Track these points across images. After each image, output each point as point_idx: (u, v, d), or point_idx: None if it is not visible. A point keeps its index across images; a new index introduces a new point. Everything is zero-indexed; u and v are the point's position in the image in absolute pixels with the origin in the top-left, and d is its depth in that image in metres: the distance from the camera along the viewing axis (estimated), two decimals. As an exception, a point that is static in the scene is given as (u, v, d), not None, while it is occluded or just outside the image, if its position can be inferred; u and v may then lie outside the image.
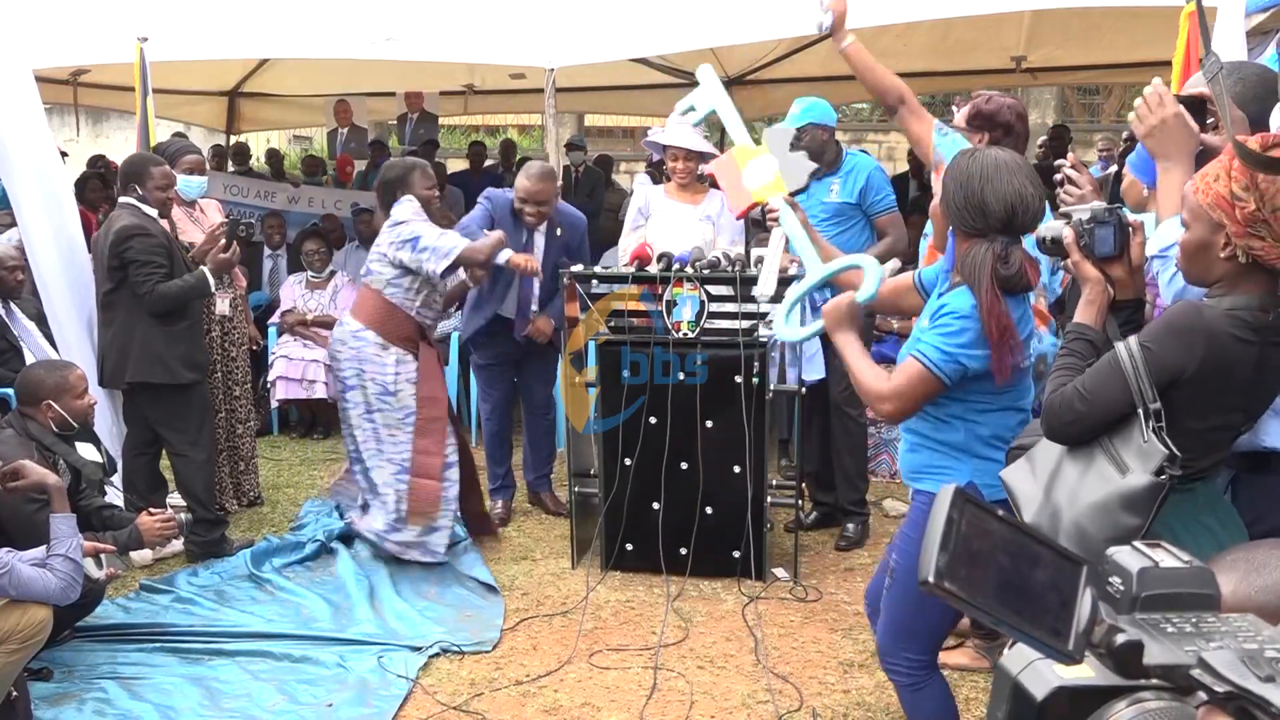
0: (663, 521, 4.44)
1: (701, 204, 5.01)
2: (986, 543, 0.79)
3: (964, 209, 2.43)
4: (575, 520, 4.77)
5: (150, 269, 4.51)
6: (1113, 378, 2.08)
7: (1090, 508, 2.09)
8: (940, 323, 2.45)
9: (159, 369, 4.60)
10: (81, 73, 8.48)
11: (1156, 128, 2.29)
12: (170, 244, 4.64)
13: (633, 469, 4.46)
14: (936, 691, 2.66)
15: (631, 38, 6.46)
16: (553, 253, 5.09)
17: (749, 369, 4.26)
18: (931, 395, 2.48)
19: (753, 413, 4.27)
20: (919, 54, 8.21)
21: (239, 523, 5.33)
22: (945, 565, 0.78)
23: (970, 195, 2.41)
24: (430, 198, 4.66)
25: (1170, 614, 0.86)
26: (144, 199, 4.64)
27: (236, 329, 5.47)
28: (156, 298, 4.52)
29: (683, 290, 4.37)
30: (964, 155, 2.50)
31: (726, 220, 5.00)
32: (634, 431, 4.40)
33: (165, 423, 4.71)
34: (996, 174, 2.40)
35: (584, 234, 5.27)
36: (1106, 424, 2.11)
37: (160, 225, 4.66)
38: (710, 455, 4.36)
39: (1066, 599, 0.83)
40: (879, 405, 2.52)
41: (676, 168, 5.00)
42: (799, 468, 5.05)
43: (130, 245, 4.51)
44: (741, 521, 4.34)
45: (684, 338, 4.37)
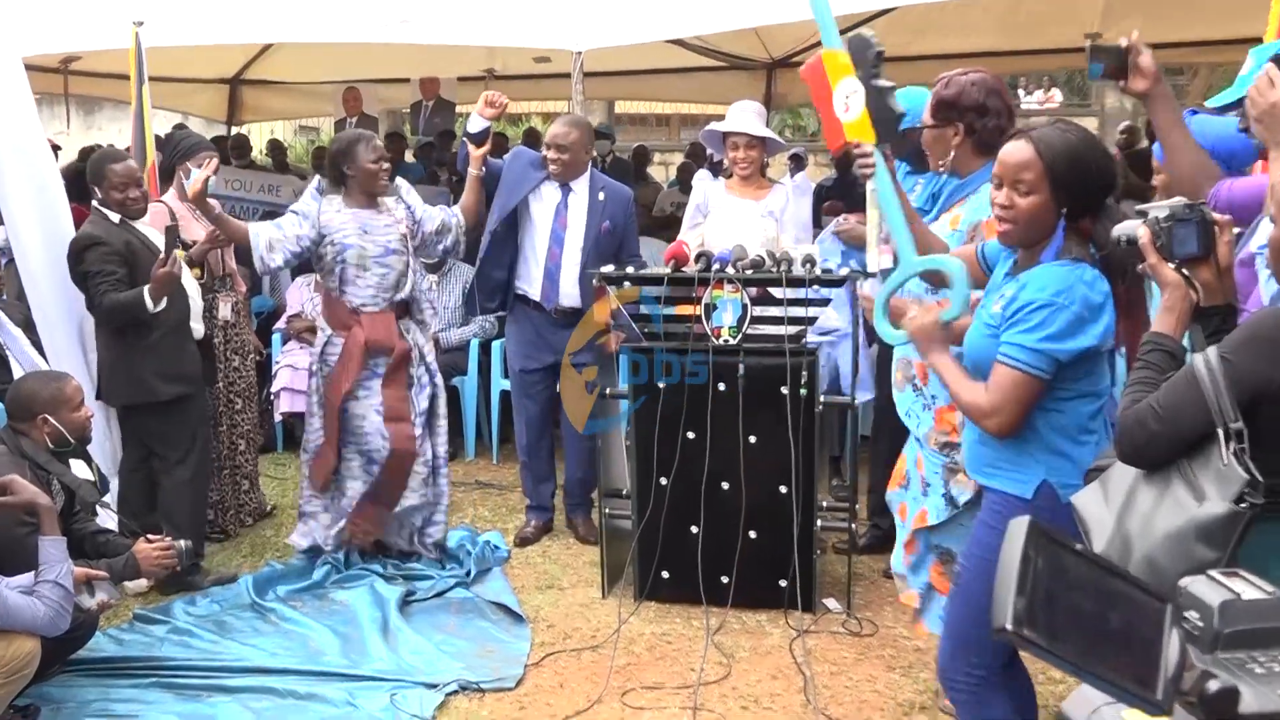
0: (702, 547, 4.43)
1: (765, 199, 5.03)
2: (1065, 582, 0.78)
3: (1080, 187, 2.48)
4: (606, 545, 4.77)
5: (100, 279, 4.55)
6: (1190, 394, 2.05)
7: (1164, 538, 2.06)
8: (1020, 317, 2.47)
9: (138, 388, 4.68)
10: (73, 60, 8.61)
11: (1266, 112, 2.25)
12: (134, 251, 4.65)
13: (669, 489, 4.45)
14: (1002, 700, 2.65)
15: (666, 17, 6.47)
16: (596, 218, 5.15)
17: (796, 379, 4.25)
18: (1035, 398, 2.50)
19: (800, 427, 4.25)
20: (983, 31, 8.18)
21: (240, 547, 5.37)
22: (1023, 610, 0.77)
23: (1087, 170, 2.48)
24: (375, 171, 4.82)
25: (1256, 651, 0.84)
26: (104, 202, 4.70)
27: (239, 335, 5.52)
28: (105, 308, 4.57)
29: (723, 293, 4.36)
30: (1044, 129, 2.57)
31: (792, 215, 5.02)
32: (670, 448, 4.40)
33: (155, 440, 4.78)
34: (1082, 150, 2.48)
35: (629, 207, 5.34)
36: (1184, 445, 2.08)
37: (125, 231, 4.67)
38: (754, 474, 4.35)
39: (1150, 642, 0.82)
40: (984, 422, 2.55)
41: (737, 157, 5.02)
42: (852, 484, 5.03)
43: (83, 258, 4.59)
44: (788, 547, 4.32)
45: (725, 344, 4.36)
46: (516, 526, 5.54)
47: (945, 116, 3.40)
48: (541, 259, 5.19)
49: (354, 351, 4.79)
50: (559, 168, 5.13)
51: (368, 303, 4.83)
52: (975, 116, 3.37)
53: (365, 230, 4.82)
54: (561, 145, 5.11)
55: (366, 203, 4.87)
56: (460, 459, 6.88)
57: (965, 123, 3.37)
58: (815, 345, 4.44)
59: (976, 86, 3.37)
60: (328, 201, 4.86)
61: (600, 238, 5.14)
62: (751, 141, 4.97)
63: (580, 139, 5.16)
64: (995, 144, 3.32)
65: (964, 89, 3.37)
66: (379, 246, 4.82)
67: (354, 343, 4.80)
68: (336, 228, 4.80)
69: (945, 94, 3.40)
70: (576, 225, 5.16)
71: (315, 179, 5.10)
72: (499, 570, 5.01)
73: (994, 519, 2.61)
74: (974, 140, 3.38)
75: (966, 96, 3.37)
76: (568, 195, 5.20)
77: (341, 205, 4.85)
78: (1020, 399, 2.49)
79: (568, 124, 5.23)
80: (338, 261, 4.80)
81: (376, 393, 4.84)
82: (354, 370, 4.79)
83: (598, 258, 5.05)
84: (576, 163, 5.16)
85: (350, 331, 4.81)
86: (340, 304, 4.85)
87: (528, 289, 5.25)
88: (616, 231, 5.20)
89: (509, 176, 5.22)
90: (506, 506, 5.95)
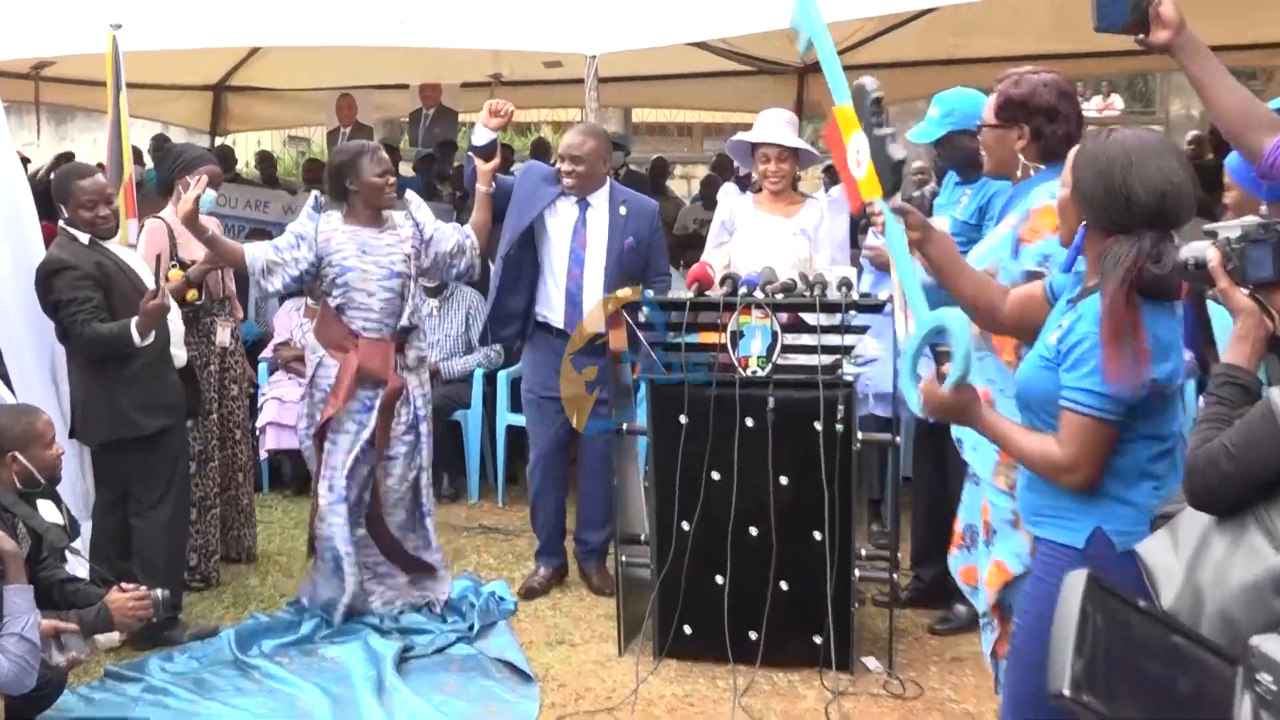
0: (728, 599, 4.41)
1: (797, 215, 5.03)
2: (1127, 642, 0.78)
3: (1104, 201, 2.45)
4: (623, 597, 4.76)
5: (75, 307, 4.56)
6: (1266, 430, 2.05)
7: (1240, 590, 2.04)
8: (1079, 355, 2.46)
9: (119, 423, 4.69)
10: (44, 66, 8.72)
11: None
12: (107, 274, 4.67)
13: (691, 535, 4.44)
14: None
15: (688, 18, 6.50)
16: (618, 234, 5.18)
17: (831, 413, 4.24)
18: (1110, 442, 2.48)
19: (836, 466, 4.25)
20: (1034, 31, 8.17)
21: (221, 597, 5.38)
22: (1082, 673, 0.77)
23: (1111, 184, 2.44)
24: (381, 186, 4.86)
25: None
26: (71, 222, 4.72)
27: (237, 363, 5.60)
28: (85, 340, 4.58)
29: (751, 319, 4.37)
30: (1096, 140, 2.54)
31: (826, 234, 5.02)
32: (692, 490, 4.40)
33: (133, 478, 4.80)
34: (1141, 158, 2.44)
35: (655, 221, 5.35)
36: (1260, 488, 2.07)
37: (95, 252, 4.69)
38: (785, 518, 4.34)
39: (1220, 707, 0.82)
40: (1064, 478, 2.52)
41: (767, 170, 5.02)
42: (894, 531, 5.01)
43: (50, 285, 4.60)
44: (823, 599, 4.31)
45: (753, 376, 4.36)
46: (524, 575, 5.53)
47: (1011, 117, 3.41)
48: (562, 282, 5.21)
49: (346, 377, 4.83)
50: (575, 181, 5.15)
51: (369, 328, 4.86)
52: (1044, 120, 3.37)
53: (364, 250, 4.85)
54: (577, 156, 5.14)
55: (370, 220, 4.90)
56: (463, 500, 6.89)
57: (1033, 126, 3.38)
58: (852, 377, 4.44)
59: (1049, 88, 3.38)
60: (325, 219, 4.90)
61: (623, 255, 5.16)
62: (783, 153, 4.98)
63: (597, 149, 5.19)
64: (1060, 152, 3.34)
65: (1035, 89, 3.38)
66: (380, 268, 4.86)
67: (347, 368, 4.83)
68: (335, 248, 4.84)
69: (1015, 93, 3.40)
70: (597, 243, 5.19)
71: (312, 195, 5.12)
72: (505, 624, 5.00)
73: (1045, 572, 2.60)
74: (1039, 146, 3.39)
75: (1038, 97, 3.37)
76: (586, 211, 5.22)
77: (340, 223, 4.89)
78: (1098, 447, 2.47)
79: (583, 133, 5.25)
80: (338, 285, 4.85)
81: (367, 428, 4.87)
82: (343, 397, 4.82)
83: (621, 277, 5.08)
84: (594, 175, 5.18)
85: (345, 355, 4.85)
86: (339, 323, 4.88)
87: (549, 315, 5.26)
88: (641, 248, 5.22)
89: (520, 194, 5.24)
90: (513, 553, 5.95)
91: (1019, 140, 3.40)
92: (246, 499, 5.72)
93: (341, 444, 4.88)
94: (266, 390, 6.90)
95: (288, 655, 4.75)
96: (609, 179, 5.32)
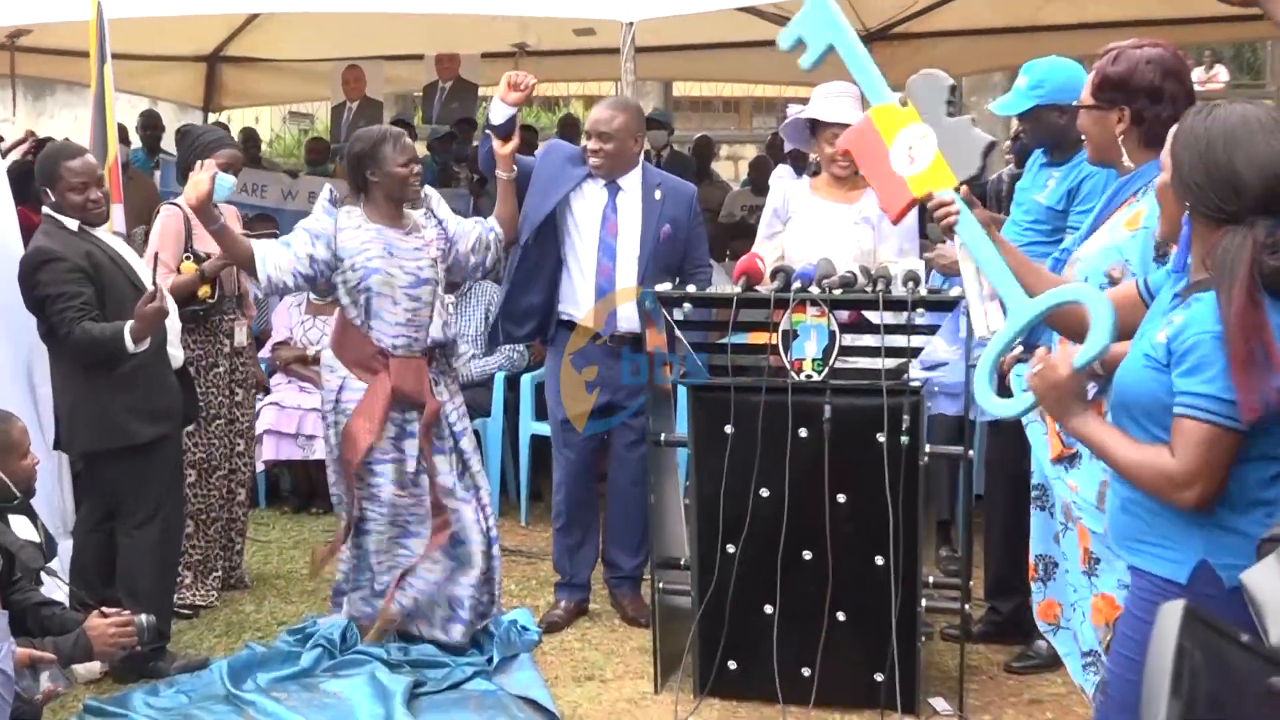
0: (778, 631, 4.41)
1: (859, 201, 5.02)
2: (1228, 682, 0.78)
3: (1206, 186, 2.43)
4: (660, 628, 4.76)
5: (63, 303, 4.56)
6: None
7: None
8: (1200, 358, 2.43)
9: (111, 431, 4.69)
10: (21, 34, 8.79)
11: None
12: (97, 264, 4.68)
13: (737, 559, 4.44)
14: None
15: (735, -20, 6.51)
16: (653, 221, 5.18)
17: (895, 423, 4.23)
18: (1235, 454, 2.44)
19: (901, 483, 4.24)
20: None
21: (213, 625, 5.42)
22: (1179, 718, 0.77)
23: (1214, 167, 2.42)
24: (406, 176, 4.86)
25: None
26: (58, 206, 4.74)
27: (245, 364, 5.70)
28: (74, 341, 4.58)
29: (806, 317, 4.36)
30: (1196, 116, 2.52)
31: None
32: (739, 508, 4.39)
33: (123, 493, 4.82)
34: (1247, 135, 2.42)
35: (694, 205, 5.37)
36: None
37: (84, 240, 4.71)
38: (843, 541, 4.33)
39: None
40: (1178, 495, 2.47)
41: (835, 155, 5.00)
42: (966, 556, 4.99)
43: (37, 279, 4.61)
44: (885, 632, 4.29)
45: (807, 381, 4.36)
46: (549, 604, 5.54)
47: (1110, 98, 3.40)
48: (590, 275, 5.21)
49: (379, 402, 4.80)
50: (603, 161, 5.16)
51: (398, 344, 4.85)
52: (1147, 102, 3.36)
53: (391, 253, 4.84)
54: (605, 133, 5.14)
55: (393, 217, 4.91)
56: (481, 519, 6.91)
57: (1134, 108, 3.37)
58: (919, 382, 4.42)
59: (1152, 65, 3.36)
60: (345, 215, 4.89)
61: (660, 245, 5.17)
62: None
63: (627, 124, 5.19)
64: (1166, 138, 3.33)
65: (1136, 67, 3.37)
66: (408, 274, 4.85)
67: (380, 391, 4.81)
68: (358, 249, 4.81)
69: (1113, 71, 3.39)
70: (630, 231, 5.19)
71: (326, 187, 5.12)
72: (528, 657, 5.01)
73: (1141, 608, 2.57)
74: (1142, 130, 3.38)
75: (1139, 76, 3.36)
76: (616, 195, 5.23)
77: (363, 220, 4.87)
78: (1220, 459, 2.42)
79: (612, 107, 5.26)
80: (360, 290, 4.82)
81: (411, 457, 4.88)
82: (378, 425, 4.81)
83: (658, 269, 5.09)
84: (624, 154, 5.19)
85: (376, 377, 4.82)
86: (364, 340, 4.85)
87: (574, 313, 5.27)
88: (679, 236, 5.23)
89: (542, 176, 5.25)
90: (537, 578, 5.97)
91: (1119, 124, 3.38)
92: (244, 517, 5.79)
93: (388, 474, 4.88)
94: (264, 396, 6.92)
95: (286, 690, 4.76)
96: (642, 160, 5.33)
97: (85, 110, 6.02)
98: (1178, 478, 2.45)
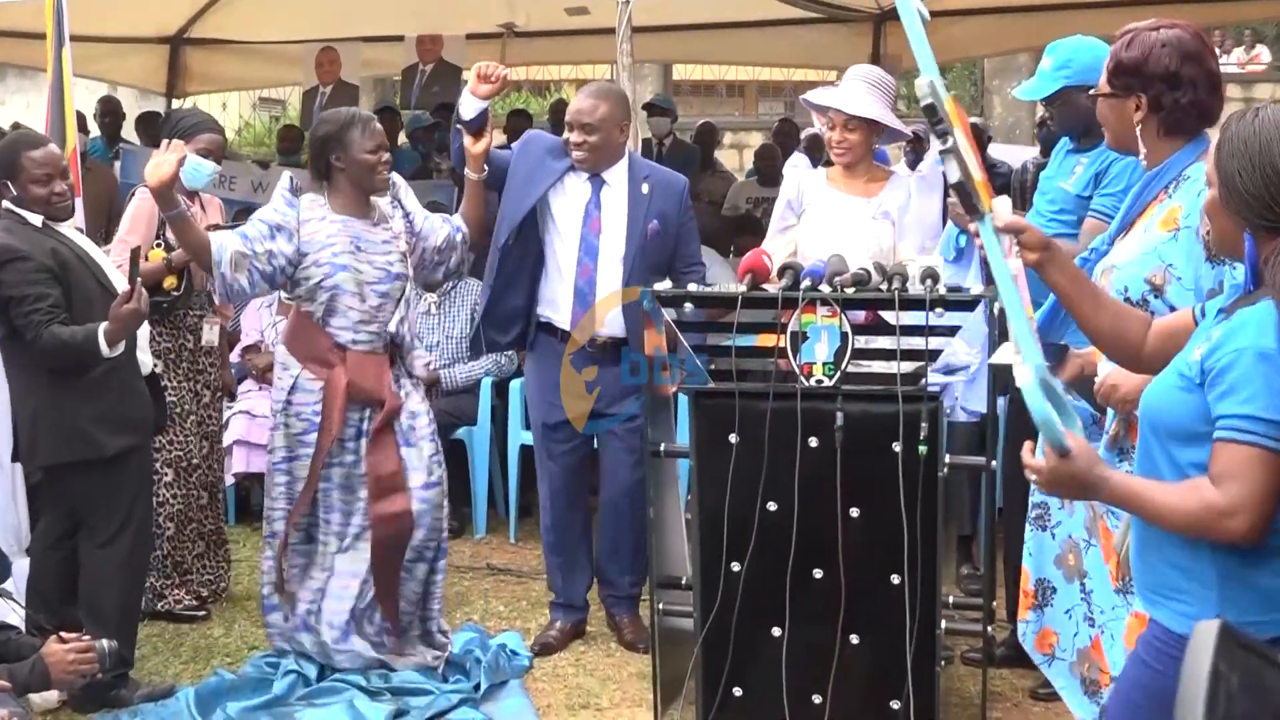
0: (787, 654, 4.42)
1: (879, 195, 5.05)
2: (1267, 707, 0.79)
3: (1264, 195, 2.43)
4: (660, 651, 4.77)
5: (29, 305, 4.55)
6: None
7: None
8: (1237, 378, 2.41)
9: (76, 442, 4.69)
10: (-29, 15, 8.81)
11: None
12: (64, 262, 4.68)
13: (742, 577, 4.45)
14: None
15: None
16: (639, 217, 5.19)
17: (913, 432, 4.24)
18: None
19: (919, 496, 4.25)
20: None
21: (178, 650, 5.43)
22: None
23: (1269, 172, 2.42)
24: (374, 164, 4.87)
25: None
26: (20, 201, 4.72)
27: (213, 364, 5.79)
28: (43, 345, 4.56)
29: (816, 318, 4.38)
30: (1240, 122, 2.50)
31: (915, 218, 5.01)
32: (744, 523, 4.40)
33: (87, 508, 4.83)
34: None
35: (684, 199, 5.37)
36: None
37: (48, 236, 4.70)
38: (856, 558, 4.34)
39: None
40: (1224, 525, 2.41)
41: (831, 139, 5.03)
42: (988, 574, 5.00)
43: (0, 279, 4.59)
44: (902, 656, 4.30)
45: (818, 386, 4.37)
46: (540, 626, 5.57)
47: (1125, 84, 3.41)
48: (570, 275, 5.23)
49: (336, 400, 4.85)
50: (586, 154, 5.16)
51: (359, 340, 4.89)
52: (1164, 88, 3.37)
53: (359, 247, 4.87)
54: (588, 124, 5.14)
55: (359, 207, 4.93)
56: (467, 536, 6.94)
57: (1150, 95, 3.38)
58: (938, 387, 4.43)
59: (1169, 49, 3.36)
60: (308, 204, 4.89)
61: (647, 242, 5.18)
62: (851, 120, 4.98)
63: (612, 113, 5.19)
64: (1188, 125, 3.34)
65: (1151, 51, 3.37)
66: (377, 269, 4.89)
67: (335, 388, 4.85)
68: (322, 243, 4.84)
69: (1127, 56, 3.40)
70: (614, 228, 5.20)
71: (286, 175, 5.11)
72: (518, 684, 5.03)
73: (1152, 655, 2.57)
74: (1160, 118, 3.40)
75: (1154, 61, 3.37)
76: (600, 190, 5.24)
77: (326, 210, 4.89)
78: (1268, 485, 2.38)
79: (594, 95, 5.25)
80: (323, 288, 4.85)
81: (360, 458, 4.91)
82: (336, 424, 4.85)
83: (645, 269, 5.10)
84: (609, 145, 5.19)
85: (332, 371, 4.86)
86: (319, 334, 4.90)
87: (552, 315, 5.29)
88: (669, 232, 5.24)
89: (520, 170, 5.26)
90: (528, 599, 5.99)
91: (1137, 111, 3.40)
92: (211, 521, 5.86)
93: (335, 478, 4.93)
94: (233, 404, 6.94)
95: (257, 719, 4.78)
96: (628, 151, 5.34)
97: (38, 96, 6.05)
98: (1221, 505, 2.40)
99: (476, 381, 6.93)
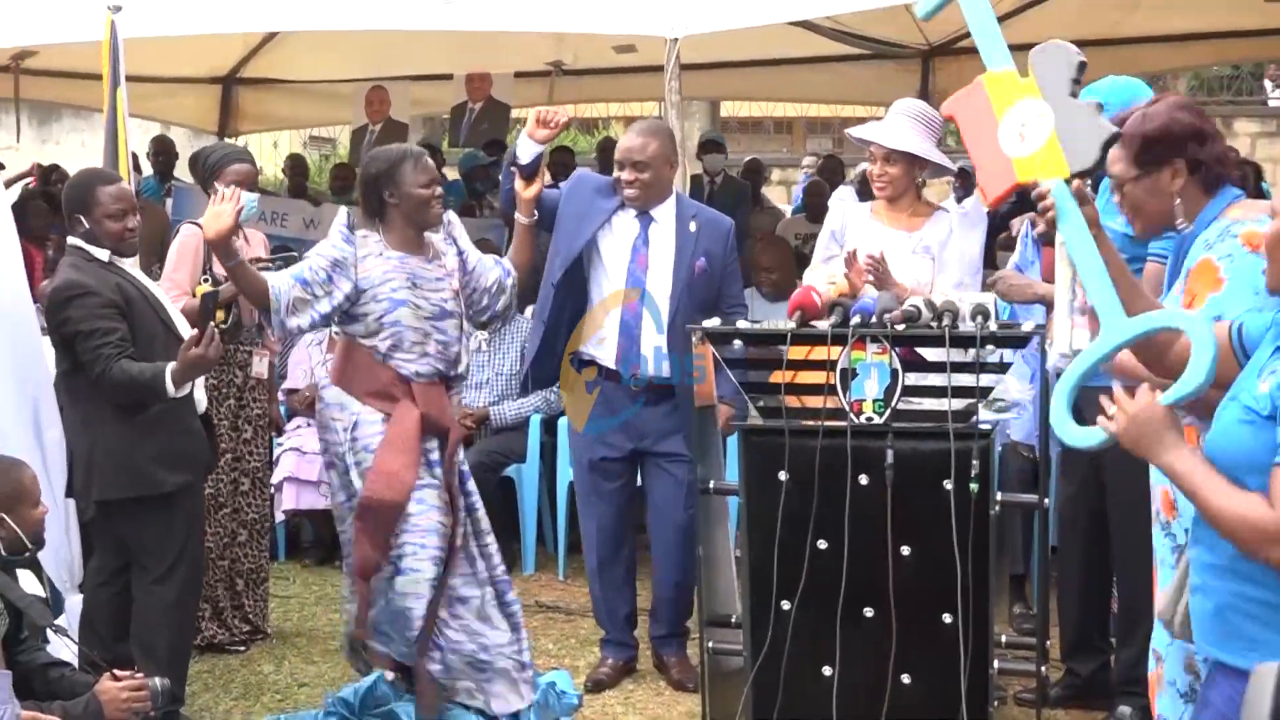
0: (838, 694, 4.40)
1: (921, 229, 5.05)
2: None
3: None
4: (709, 691, 4.76)
5: (98, 339, 4.57)
6: None
7: None
8: None
9: (134, 478, 4.70)
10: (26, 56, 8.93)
11: None
12: (128, 298, 4.71)
13: (793, 616, 4.43)
14: None
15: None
16: (687, 254, 5.20)
17: (964, 470, 4.23)
18: None
19: (971, 534, 4.23)
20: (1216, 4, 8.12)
21: (229, 687, 5.45)
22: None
23: None
24: (427, 199, 4.82)
25: None
26: (90, 235, 4.75)
27: (258, 400, 5.81)
28: (111, 379, 4.57)
29: (866, 355, 4.37)
30: None
31: (955, 254, 5.00)
32: (794, 561, 4.39)
33: (140, 547, 4.84)
34: None
35: (730, 240, 5.38)
36: None
37: (113, 273, 4.74)
38: (908, 597, 4.32)
39: None
40: (1268, 551, 2.42)
41: (872, 173, 5.06)
42: (1042, 613, 4.96)
43: (67, 315, 4.61)
44: (955, 696, 4.27)
45: (868, 423, 4.36)
46: (590, 664, 5.56)
47: (1156, 156, 3.42)
48: (616, 311, 5.25)
49: (411, 432, 4.75)
50: (638, 191, 5.17)
51: (422, 372, 4.82)
52: (1196, 145, 3.41)
53: (416, 283, 4.82)
54: (639, 162, 5.15)
55: (414, 244, 4.88)
56: (516, 573, 6.91)
57: (1187, 157, 3.40)
58: (990, 425, 4.42)
59: (1183, 110, 3.46)
60: (363, 241, 4.83)
61: (694, 281, 5.18)
62: (892, 154, 4.99)
63: (662, 150, 5.21)
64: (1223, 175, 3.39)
65: (1171, 117, 3.43)
66: (432, 305, 4.83)
67: (407, 419, 4.75)
68: (379, 279, 4.77)
69: (1150, 130, 3.41)
70: (661, 266, 5.20)
71: (343, 211, 5.06)
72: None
73: (1225, 704, 2.54)
74: (1200, 177, 3.42)
75: (1178, 125, 3.42)
76: (648, 227, 5.25)
77: (383, 247, 4.84)
78: None
79: (644, 133, 5.27)
80: (385, 324, 4.78)
81: (439, 484, 4.83)
82: (414, 455, 4.75)
83: (690, 306, 5.10)
84: (659, 182, 5.21)
85: (399, 405, 4.76)
86: (380, 368, 4.79)
87: (595, 353, 5.29)
88: (714, 272, 5.24)
89: (570, 211, 5.28)
90: (576, 637, 5.98)
91: (1175, 180, 3.40)
92: (249, 560, 5.86)
93: (429, 499, 4.80)
94: (283, 441, 6.98)
95: (306, 759, 4.80)
96: (675, 189, 5.35)
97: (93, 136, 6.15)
98: (1271, 531, 2.40)
99: (526, 419, 6.94)
